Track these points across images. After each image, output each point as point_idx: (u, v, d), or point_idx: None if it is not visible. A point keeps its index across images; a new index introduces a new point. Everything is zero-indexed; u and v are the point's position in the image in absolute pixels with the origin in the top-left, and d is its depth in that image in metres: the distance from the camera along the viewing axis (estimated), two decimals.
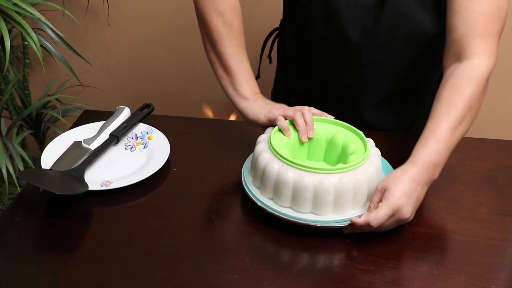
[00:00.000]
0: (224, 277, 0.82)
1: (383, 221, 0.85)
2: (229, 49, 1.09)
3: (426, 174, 0.90)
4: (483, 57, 0.96)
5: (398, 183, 0.87)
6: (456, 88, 0.95)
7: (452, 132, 0.92)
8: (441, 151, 0.91)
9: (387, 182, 0.88)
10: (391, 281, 0.82)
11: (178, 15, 2.00)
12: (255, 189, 0.95)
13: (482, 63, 0.96)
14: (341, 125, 1.01)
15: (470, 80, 0.95)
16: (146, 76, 2.17)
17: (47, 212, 0.96)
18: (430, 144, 0.91)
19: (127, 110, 1.17)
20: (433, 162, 0.90)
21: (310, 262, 0.86)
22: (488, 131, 2.05)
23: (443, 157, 0.92)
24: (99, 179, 1.02)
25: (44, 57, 1.86)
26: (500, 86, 1.98)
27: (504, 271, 0.85)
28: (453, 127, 0.92)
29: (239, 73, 1.09)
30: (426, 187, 0.91)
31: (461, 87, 0.94)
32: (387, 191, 0.87)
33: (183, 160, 1.09)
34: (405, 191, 0.87)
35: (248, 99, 1.07)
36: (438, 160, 0.91)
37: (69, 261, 0.85)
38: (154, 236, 0.90)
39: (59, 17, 1.87)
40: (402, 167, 0.91)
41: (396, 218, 0.86)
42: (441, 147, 0.91)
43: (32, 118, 1.94)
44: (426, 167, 0.90)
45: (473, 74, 0.95)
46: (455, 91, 0.94)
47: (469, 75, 0.95)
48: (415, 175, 0.89)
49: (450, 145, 0.92)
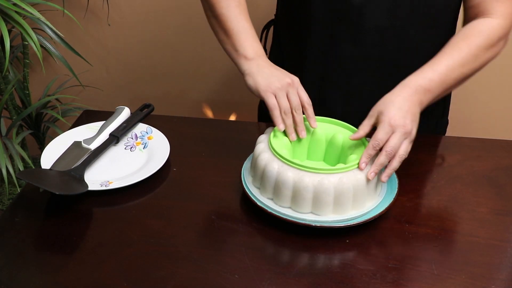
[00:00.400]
0: (224, 277, 0.82)
1: (384, 139, 0.89)
2: (227, 9, 1.05)
3: (416, 95, 0.94)
4: (500, 18, 0.99)
5: (390, 104, 0.92)
6: (466, 36, 1.00)
7: (450, 69, 0.97)
8: (435, 80, 0.95)
9: (379, 106, 0.94)
10: (391, 281, 0.82)
11: (178, 15, 2.00)
12: (255, 189, 0.95)
13: (497, 22, 0.99)
14: (341, 125, 1.01)
15: (481, 32, 0.99)
16: (146, 76, 2.17)
17: (47, 212, 0.96)
18: (425, 72, 0.96)
19: (127, 110, 1.17)
20: (424, 86, 0.95)
21: (310, 262, 0.86)
22: (488, 131, 2.06)
23: (435, 86, 0.96)
24: (99, 179, 1.02)
25: (44, 57, 1.86)
26: (500, 86, 1.98)
27: (504, 271, 0.85)
28: (452, 66, 0.97)
29: (239, 32, 1.04)
30: (418, 107, 0.94)
31: (471, 37, 0.99)
32: (381, 113, 0.92)
33: (183, 160, 1.09)
34: (398, 107, 0.91)
35: (250, 59, 1.02)
36: (430, 86, 0.95)
37: (69, 261, 0.85)
38: (154, 236, 0.90)
39: (59, 17, 1.87)
40: (393, 91, 0.96)
41: (399, 134, 0.90)
42: (435, 76, 0.95)
43: (32, 118, 1.94)
44: (415, 89, 0.94)
45: (485, 28, 0.99)
46: (464, 39, 0.99)
47: (481, 28, 1.00)
48: (407, 94, 0.93)
49: (445, 80, 0.96)
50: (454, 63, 0.97)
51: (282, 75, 1.00)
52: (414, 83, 0.95)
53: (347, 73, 1.14)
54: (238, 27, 1.05)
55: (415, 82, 0.95)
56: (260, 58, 1.03)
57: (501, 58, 1.03)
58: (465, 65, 0.98)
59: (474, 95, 2.02)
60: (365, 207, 0.92)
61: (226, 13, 1.05)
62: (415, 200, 0.99)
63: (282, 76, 0.99)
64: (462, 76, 0.99)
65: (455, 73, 0.97)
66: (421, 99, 0.95)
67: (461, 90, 1.91)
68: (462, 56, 0.97)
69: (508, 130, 2.07)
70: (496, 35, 0.99)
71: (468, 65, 0.98)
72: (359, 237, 0.90)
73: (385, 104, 0.93)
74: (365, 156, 0.90)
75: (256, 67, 1.01)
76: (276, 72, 1.01)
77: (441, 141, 1.19)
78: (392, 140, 0.90)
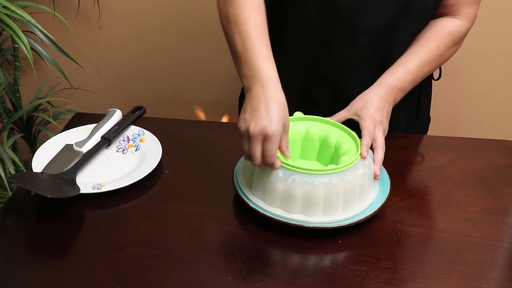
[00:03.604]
0: (217, 279, 0.82)
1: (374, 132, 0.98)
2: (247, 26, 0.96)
3: (391, 95, 1.06)
4: (467, 20, 1.11)
5: (369, 103, 1.03)
6: (436, 36, 1.10)
7: (420, 68, 1.08)
8: (407, 80, 1.08)
9: (358, 103, 1.04)
10: (383, 281, 0.82)
11: (169, 17, 2.00)
12: (248, 190, 0.95)
13: (464, 25, 1.11)
14: (335, 125, 1.01)
15: (450, 33, 1.10)
16: (138, 79, 2.17)
17: (39, 215, 0.95)
18: (399, 72, 1.07)
19: (118, 113, 1.17)
20: (398, 86, 1.07)
21: (303, 263, 0.86)
22: (479, 131, 2.07)
23: (407, 85, 1.08)
24: (90, 182, 1.01)
25: (35, 60, 1.86)
26: (490, 88, 1.99)
27: (496, 270, 0.85)
28: (422, 65, 1.08)
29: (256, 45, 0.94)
30: (392, 106, 1.07)
31: (440, 37, 1.10)
32: (361, 110, 1.02)
33: (175, 162, 1.09)
34: (376, 106, 1.03)
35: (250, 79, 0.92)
36: (403, 86, 1.07)
37: (61, 265, 0.85)
38: (147, 238, 0.90)
39: (50, 19, 1.87)
40: (371, 88, 1.07)
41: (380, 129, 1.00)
42: (407, 76, 1.07)
43: (23, 121, 1.93)
44: (391, 89, 1.06)
45: (453, 29, 1.10)
46: (434, 38, 1.10)
47: (449, 28, 1.10)
48: (383, 93, 1.05)
49: (415, 79, 1.09)
50: (424, 62, 1.08)
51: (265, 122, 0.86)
52: (390, 84, 1.06)
53: (339, 72, 1.14)
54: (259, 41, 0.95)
55: (391, 83, 1.07)
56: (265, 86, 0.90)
57: (489, 62, 1.04)
58: (432, 63, 1.10)
59: (463, 95, 2.03)
60: (357, 207, 0.92)
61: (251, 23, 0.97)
62: (407, 200, 0.99)
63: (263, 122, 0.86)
64: (428, 73, 1.11)
65: (423, 72, 1.09)
66: (395, 98, 1.08)
67: (452, 92, 1.92)
68: (430, 56, 1.09)
69: (498, 129, 2.09)
70: (460, 35, 1.11)
71: (435, 63, 1.10)
72: (351, 237, 0.90)
73: (364, 102, 1.04)
74: (364, 147, 0.95)
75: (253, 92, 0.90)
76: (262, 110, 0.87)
77: (432, 141, 1.19)
78: (379, 136, 0.99)
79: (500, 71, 1.95)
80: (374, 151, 0.98)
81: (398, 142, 1.16)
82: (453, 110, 2.07)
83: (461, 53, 1.15)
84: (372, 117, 1.01)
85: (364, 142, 0.96)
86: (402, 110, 1.19)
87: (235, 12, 0.98)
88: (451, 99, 2.04)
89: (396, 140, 1.16)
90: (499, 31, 1.86)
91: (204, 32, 1.98)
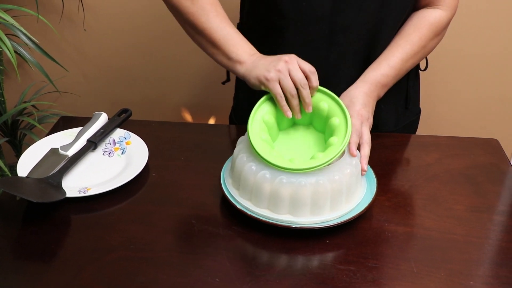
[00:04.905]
0: (205, 281, 0.82)
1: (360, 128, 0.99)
2: (208, 22, 1.06)
3: (375, 91, 1.07)
4: (448, 10, 1.12)
5: (355, 99, 1.04)
6: (417, 28, 1.10)
7: (403, 62, 1.09)
8: (390, 75, 1.08)
9: (344, 100, 1.03)
10: (371, 280, 0.82)
11: (154, 19, 1.99)
12: (235, 191, 0.95)
13: (445, 14, 1.12)
14: (324, 93, 0.99)
15: (431, 24, 1.11)
16: (123, 81, 2.16)
17: (25, 220, 0.94)
18: (382, 68, 1.08)
19: (104, 116, 1.17)
20: (382, 82, 1.08)
21: (291, 264, 0.86)
22: (464, 129, 2.09)
23: (391, 80, 1.09)
24: (77, 185, 1.01)
25: (19, 63, 1.84)
26: (475, 87, 2.00)
27: (482, 267, 0.86)
28: (405, 59, 1.09)
29: (226, 40, 1.05)
30: (375, 101, 1.09)
31: (421, 29, 1.10)
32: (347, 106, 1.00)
33: (162, 165, 1.08)
34: (362, 102, 1.04)
35: (244, 62, 1.03)
36: (386, 82, 1.08)
37: (48, 269, 0.84)
38: (134, 242, 0.89)
39: (34, 22, 1.85)
40: (355, 85, 1.07)
41: (366, 125, 1.01)
42: (391, 72, 1.08)
43: (7, 125, 1.91)
44: (375, 85, 1.07)
45: (433, 19, 1.11)
46: (416, 30, 1.10)
47: (430, 19, 1.11)
48: (368, 90, 1.06)
49: (399, 73, 1.10)
50: (407, 55, 1.09)
51: (277, 59, 0.99)
52: (374, 80, 1.07)
53: (323, 71, 1.14)
54: (224, 35, 1.05)
55: (374, 79, 1.07)
56: (253, 56, 1.04)
57: (477, 61, 1.06)
58: (415, 57, 1.10)
59: (450, 93, 2.05)
60: (344, 207, 0.92)
61: (208, 26, 1.06)
62: (394, 199, 1.00)
63: (277, 59, 0.99)
64: (412, 66, 1.12)
65: (407, 65, 1.10)
66: (378, 93, 1.09)
67: (440, 90, 1.93)
68: (413, 49, 1.09)
69: (483, 128, 2.10)
70: (442, 25, 1.12)
71: (418, 55, 1.11)
72: (338, 237, 0.90)
73: (350, 98, 1.04)
74: (353, 145, 0.95)
75: (252, 64, 1.02)
76: (270, 59, 1.00)
77: (418, 140, 1.20)
78: (365, 132, 1.00)
79: (487, 70, 1.96)
80: (361, 147, 0.98)
81: (384, 141, 1.17)
82: (439, 109, 2.08)
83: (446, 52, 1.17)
84: (359, 114, 1.01)
85: (352, 140, 0.96)
86: (390, 103, 1.20)
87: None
88: (437, 98, 2.05)
89: (382, 139, 1.17)
90: (484, 30, 1.88)
91: None
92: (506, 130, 2.10)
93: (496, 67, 1.96)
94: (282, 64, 0.97)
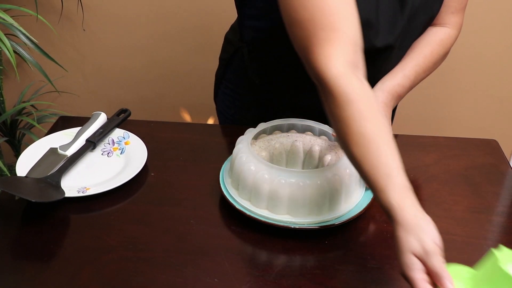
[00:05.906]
0: (203, 282, 0.82)
1: None
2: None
3: (393, 101, 1.08)
4: (454, 28, 1.15)
5: None
6: (429, 45, 1.13)
7: (417, 75, 1.10)
8: (406, 86, 1.09)
9: None
10: (370, 281, 0.82)
11: (154, 20, 1.99)
12: (234, 191, 0.95)
13: (453, 33, 1.15)
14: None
15: (441, 41, 1.14)
16: (122, 81, 2.16)
17: (23, 220, 0.94)
18: (399, 78, 1.09)
19: (103, 116, 1.16)
20: (398, 92, 1.08)
21: (289, 264, 0.86)
22: (463, 130, 2.09)
23: (405, 91, 1.10)
24: (75, 185, 1.01)
25: (18, 63, 1.84)
26: (474, 87, 2.01)
27: None
28: (418, 71, 1.11)
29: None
30: (391, 109, 1.09)
31: (433, 44, 1.13)
32: None
33: (161, 165, 1.08)
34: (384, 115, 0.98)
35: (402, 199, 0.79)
36: (401, 92, 1.09)
37: (47, 269, 0.84)
38: (133, 242, 0.89)
39: (33, 22, 1.85)
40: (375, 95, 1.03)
41: None
42: (406, 82, 1.09)
43: (7, 125, 1.91)
44: (392, 95, 1.07)
45: (444, 36, 1.14)
46: (428, 46, 1.12)
47: (441, 36, 1.14)
48: (387, 100, 1.06)
49: (412, 85, 1.11)
50: (420, 69, 1.10)
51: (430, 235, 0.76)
52: (392, 89, 1.07)
53: None
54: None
55: (392, 88, 1.07)
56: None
57: (475, 63, 1.05)
58: (426, 71, 1.12)
59: (450, 94, 2.05)
60: (343, 208, 0.92)
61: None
62: None
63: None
64: (422, 79, 1.13)
65: (419, 78, 1.11)
66: (395, 103, 1.09)
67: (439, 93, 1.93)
68: (426, 63, 1.11)
69: (482, 129, 2.11)
70: (450, 43, 1.15)
71: (429, 70, 1.13)
72: (337, 238, 0.90)
73: None
74: None
75: (414, 218, 0.78)
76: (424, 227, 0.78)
77: (417, 141, 1.20)
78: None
79: (486, 71, 1.96)
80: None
81: None
82: (438, 110, 2.09)
83: None
84: None
85: None
86: None
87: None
88: (436, 98, 2.05)
89: None
90: (483, 31, 1.88)
91: (189, 34, 1.97)
92: (505, 131, 2.11)
93: (495, 68, 1.96)
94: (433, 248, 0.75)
